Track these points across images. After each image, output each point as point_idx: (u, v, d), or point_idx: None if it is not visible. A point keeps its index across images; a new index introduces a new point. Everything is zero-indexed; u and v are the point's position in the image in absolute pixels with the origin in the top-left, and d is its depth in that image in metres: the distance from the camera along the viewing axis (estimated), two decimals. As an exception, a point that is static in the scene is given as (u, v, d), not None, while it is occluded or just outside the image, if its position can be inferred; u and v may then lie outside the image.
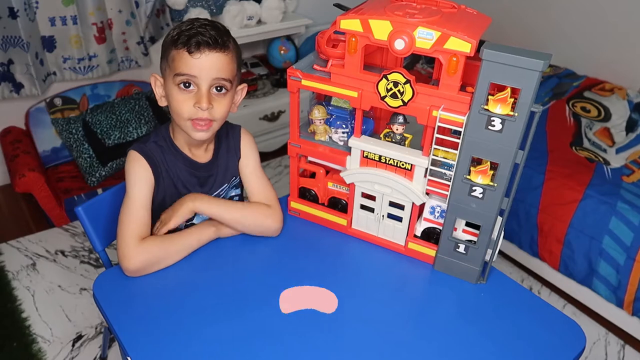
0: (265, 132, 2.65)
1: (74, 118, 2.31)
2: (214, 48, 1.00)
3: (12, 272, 1.95)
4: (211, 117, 1.05)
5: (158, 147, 1.11)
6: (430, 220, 1.07)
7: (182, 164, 1.13)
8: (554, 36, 2.80)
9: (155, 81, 1.09)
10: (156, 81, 1.09)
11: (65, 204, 2.14)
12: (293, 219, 1.21)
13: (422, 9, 0.92)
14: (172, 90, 1.04)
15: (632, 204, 1.71)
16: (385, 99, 0.96)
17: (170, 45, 1.02)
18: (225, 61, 1.03)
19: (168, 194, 1.13)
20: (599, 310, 1.83)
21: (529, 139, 0.87)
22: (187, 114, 1.04)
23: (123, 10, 2.36)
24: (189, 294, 0.99)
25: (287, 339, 0.91)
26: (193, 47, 0.99)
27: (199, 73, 1.01)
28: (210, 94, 1.03)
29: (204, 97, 1.02)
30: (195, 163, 1.15)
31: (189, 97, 1.03)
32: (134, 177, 1.07)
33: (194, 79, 1.01)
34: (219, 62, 1.02)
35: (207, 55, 1.00)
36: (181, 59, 1.00)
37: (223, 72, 1.03)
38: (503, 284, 1.06)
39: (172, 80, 1.03)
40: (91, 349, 1.66)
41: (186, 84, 1.02)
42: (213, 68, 1.01)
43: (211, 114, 1.04)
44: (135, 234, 1.03)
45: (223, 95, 1.05)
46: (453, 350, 0.91)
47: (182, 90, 1.03)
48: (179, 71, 1.01)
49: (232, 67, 1.05)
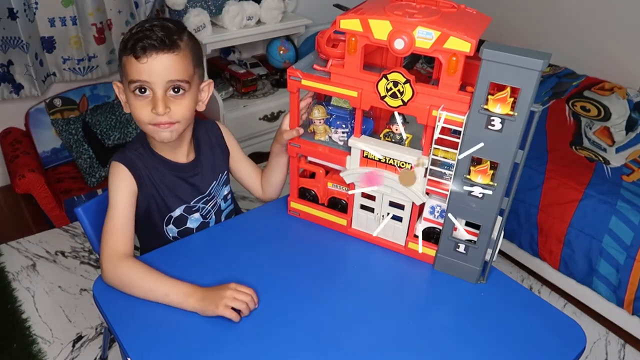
0: (265, 132, 2.65)
1: (74, 119, 2.31)
2: (162, 50, 0.97)
3: (12, 273, 1.95)
4: (171, 120, 1.02)
5: (138, 154, 1.10)
6: (430, 220, 1.07)
7: (165, 167, 1.12)
8: (554, 36, 2.80)
9: (117, 88, 1.07)
10: (119, 89, 1.07)
11: (65, 205, 2.14)
12: (293, 219, 1.21)
13: (422, 9, 0.92)
14: (129, 97, 1.02)
15: (632, 203, 1.71)
16: (385, 99, 0.96)
17: (122, 51, 1.00)
18: (177, 61, 1.00)
19: (153, 202, 1.11)
20: (599, 309, 1.83)
21: (528, 138, 0.87)
22: (146, 119, 1.02)
23: (122, 11, 2.36)
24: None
25: (286, 339, 0.91)
26: (139, 51, 0.96)
27: (149, 78, 0.98)
28: (167, 97, 1.01)
29: (159, 102, 1.00)
30: (177, 165, 1.13)
31: (146, 102, 1.01)
32: (117, 188, 1.06)
33: (147, 84, 0.99)
34: (170, 63, 0.99)
35: (155, 59, 0.97)
36: (131, 65, 0.98)
37: (176, 73, 1.00)
38: (503, 283, 1.06)
39: (127, 87, 1.01)
40: (91, 350, 1.66)
41: (141, 89, 1.00)
42: (164, 71, 0.98)
43: (170, 117, 1.02)
44: (114, 251, 1.01)
45: (181, 96, 1.03)
46: (453, 350, 0.91)
47: (138, 97, 1.01)
48: (131, 78, 0.99)
49: (186, 66, 1.02)
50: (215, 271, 1.04)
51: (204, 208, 1.19)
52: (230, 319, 0.92)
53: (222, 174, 1.22)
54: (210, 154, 1.20)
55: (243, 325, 0.93)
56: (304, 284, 1.03)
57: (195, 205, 1.17)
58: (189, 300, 0.94)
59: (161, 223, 1.15)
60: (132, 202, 1.07)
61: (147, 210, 1.12)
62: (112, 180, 1.07)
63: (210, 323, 0.93)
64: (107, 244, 1.02)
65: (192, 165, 1.16)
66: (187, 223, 1.17)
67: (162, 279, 0.97)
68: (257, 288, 0.99)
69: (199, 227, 1.20)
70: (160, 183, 1.11)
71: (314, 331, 0.93)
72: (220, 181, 1.22)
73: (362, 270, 1.09)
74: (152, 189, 1.10)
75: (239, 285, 0.95)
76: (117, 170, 1.07)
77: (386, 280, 1.07)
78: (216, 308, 0.91)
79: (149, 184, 1.10)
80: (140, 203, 1.10)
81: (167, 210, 1.14)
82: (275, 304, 0.97)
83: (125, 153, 1.10)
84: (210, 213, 1.21)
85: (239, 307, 0.92)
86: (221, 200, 1.24)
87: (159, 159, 1.12)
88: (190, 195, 1.16)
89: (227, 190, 1.25)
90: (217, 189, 1.21)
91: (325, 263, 1.09)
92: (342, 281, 1.04)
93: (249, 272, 1.05)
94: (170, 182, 1.13)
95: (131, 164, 1.08)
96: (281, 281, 1.03)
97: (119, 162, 1.07)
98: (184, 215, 1.17)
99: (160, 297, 0.96)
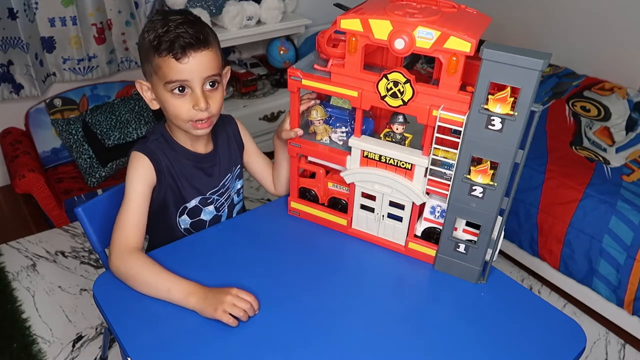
0: (265, 132, 2.65)
1: (74, 119, 2.31)
2: (199, 48, 0.99)
3: (12, 273, 1.95)
4: (210, 114, 1.05)
5: (159, 145, 1.11)
6: (431, 220, 1.07)
7: (186, 158, 1.14)
8: (554, 35, 2.80)
9: (141, 86, 1.08)
10: (142, 86, 1.07)
11: (65, 205, 2.14)
12: (293, 219, 1.21)
13: (422, 9, 0.92)
14: (166, 96, 1.03)
15: (632, 203, 1.71)
16: (385, 99, 0.96)
17: (152, 52, 1.00)
18: (212, 57, 1.02)
19: (170, 192, 1.13)
20: (599, 309, 1.83)
21: (529, 138, 0.87)
22: (186, 117, 1.04)
23: (122, 11, 2.36)
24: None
25: (286, 339, 0.91)
26: (179, 53, 0.97)
27: (190, 77, 1.00)
28: (205, 92, 1.03)
29: (201, 99, 1.02)
30: (198, 155, 1.16)
31: (185, 100, 1.03)
32: (136, 178, 1.07)
33: (186, 83, 1.01)
34: (207, 59, 1.01)
35: (195, 57, 0.99)
36: (169, 66, 0.99)
37: (212, 68, 1.02)
38: (503, 283, 1.06)
39: (163, 88, 1.02)
40: (91, 350, 1.66)
41: (180, 88, 1.01)
42: (203, 68, 1.00)
43: (210, 112, 1.05)
44: (125, 244, 1.02)
45: (216, 89, 1.06)
46: (453, 350, 0.91)
47: (176, 96, 1.02)
48: (169, 79, 1.00)
49: (219, 59, 1.05)
50: (215, 270, 1.04)
51: (218, 200, 1.21)
52: (227, 324, 0.92)
53: (236, 168, 1.24)
54: (226, 146, 1.22)
55: (243, 325, 0.93)
56: (303, 284, 1.02)
57: (210, 197, 1.19)
58: (190, 298, 0.94)
59: (175, 213, 1.16)
60: (147, 194, 1.08)
61: (164, 200, 1.13)
62: (131, 170, 1.08)
63: (211, 323, 0.93)
64: (118, 236, 1.03)
65: (211, 156, 1.18)
66: (201, 215, 1.19)
67: (167, 275, 0.98)
68: (257, 288, 0.99)
69: (212, 219, 1.22)
70: (179, 173, 1.13)
71: (314, 331, 0.93)
72: (234, 174, 1.24)
73: (362, 270, 1.09)
74: (170, 180, 1.12)
75: (240, 291, 0.95)
76: (137, 160, 1.08)
77: (386, 280, 1.07)
78: (214, 312, 0.91)
79: (168, 175, 1.11)
80: (157, 194, 1.11)
81: (183, 201, 1.16)
82: (275, 304, 0.97)
83: (146, 144, 1.11)
84: (223, 206, 1.23)
85: (237, 314, 0.92)
86: (234, 194, 1.26)
87: (179, 149, 1.13)
88: (207, 187, 1.18)
89: (240, 184, 1.27)
90: (231, 182, 1.23)
91: (325, 263, 1.09)
92: (342, 281, 1.04)
93: (248, 271, 1.05)
94: (188, 173, 1.14)
95: (152, 155, 1.09)
96: (281, 281, 1.03)
97: (140, 152, 1.08)
98: (198, 206, 1.18)
99: (162, 292, 0.96)
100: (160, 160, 1.10)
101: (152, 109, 1.10)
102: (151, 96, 1.07)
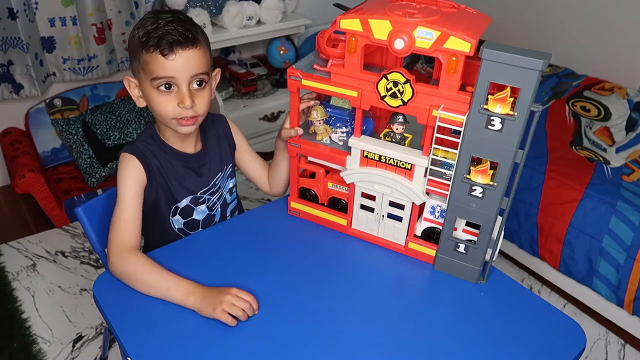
0: (265, 132, 2.65)
1: (74, 119, 2.31)
2: (187, 45, 0.99)
3: (12, 273, 1.95)
4: (195, 114, 1.05)
5: (148, 146, 1.11)
6: (431, 220, 1.07)
7: (175, 159, 1.14)
8: (554, 35, 2.80)
9: (128, 83, 1.08)
10: (130, 83, 1.07)
11: (65, 205, 2.14)
12: (293, 219, 1.21)
13: (422, 9, 0.92)
14: (152, 93, 1.03)
15: (632, 203, 1.71)
16: (385, 99, 0.96)
17: (140, 48, 1.00)
18: (200, 55, 1.02)
19: (161, 192, 1.13)
20: (599, 309, 1.83)
21: (528, 138, 0.87)
22: (171, 114, 1.04)
23: (122, 11, 2.36)
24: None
25: (286, 339, 0.91)
26: (166, 49, 0.97)
27: (176, 74, 1.00)
28: (191, 91, 1.03)
29: (186, 97, 1.02)
30: (186, 155, 1.16)
31: (171, 97, 1.03)
32: (126, 178, 1.07)
33: (173, 80, 1.01)
34: (194, 58, 1.01)
35: (182, 55, 0.99)
36: (156, 63, 0.99)
37: (199, 67, 1.02)
38: (503, 283, 1.06)
39: (150, 84, 1.02)
40: (91, 350, 1.66)
41: (166, 85, 1.01)
42: (190, 66, 1.00)
43: (195, 111, 1.05)
44: (122, 244, 1.02)
45: (203, 88, 1.06)
46: (453, 350, 0.91)
47: (162, 93, 1.02)
48: (155, 75, 1.00)
49: (207, 59, 1.04)
50: (215, 270, 1.04)
51: (210, 199, 1.21)
52: (226, 323, 0.92)
53: (228, 167, 1.24)
54: (216, 145, 1.22)
55: (243, 325, 0.93)
56: (303, 284, 1.02)
57: (201, 196, 1.19)
58: (189, 298, 0.94)
59: (168, 213, 1.16)
60: (140, 194, 1.08)
61: (155, 200, 1.13)
62: (122, 171, 1.08)
63: (211, 323, 0.93)
64: (115, 237, 1.03)
65: (200, 156, 1.18)
66: (193, 214, 1.18)
67: (166, 274, 0.98)
68: (257, 288, 0.99)
69: (205, 219, 1.21)
70: (169, 173, 1.13)
71: (314, 330, 0.93)
72: (226, 173, 1.23)
73: (362, 270, 1.09)
74: (161, 179, 1.12)
75: (240, 291, 0.95)
76: (127, 161, 1.08)
77: (386, 280, 1.07)
78: (213, 311, 0.91)
79: (158, 175, 1.11)
80: (148, 194, 1.11)
81: (174, 200, 1.16)
82: (275, 304, 0.97)
83: (135, 145, 1.11)
84: (216, 205, 1.22)
85: (236, 314, 0.92)
86: (227, 192, 1.25)
87: (168, 150, 1.13)
88: (197, 186, 1.18)
89: (232, 183, 1.27)
90: (222, 180, 1.22)
91: (325, 263, 1.09)
92: (342, 281, 1.04)
93: (248, 271, 1.05)
94: (178, 173, 1.14)
95: (141, 155, 1.09)
96: (280, 281, 1.03)
97: (129, 154, 1.08)
98: (190, 206, 1.18)
99: (161, 291, 0.96)
100: (150, 161, 1.10)
101: (139, 106, 1.10)
102: (138, 93, 1.08)
